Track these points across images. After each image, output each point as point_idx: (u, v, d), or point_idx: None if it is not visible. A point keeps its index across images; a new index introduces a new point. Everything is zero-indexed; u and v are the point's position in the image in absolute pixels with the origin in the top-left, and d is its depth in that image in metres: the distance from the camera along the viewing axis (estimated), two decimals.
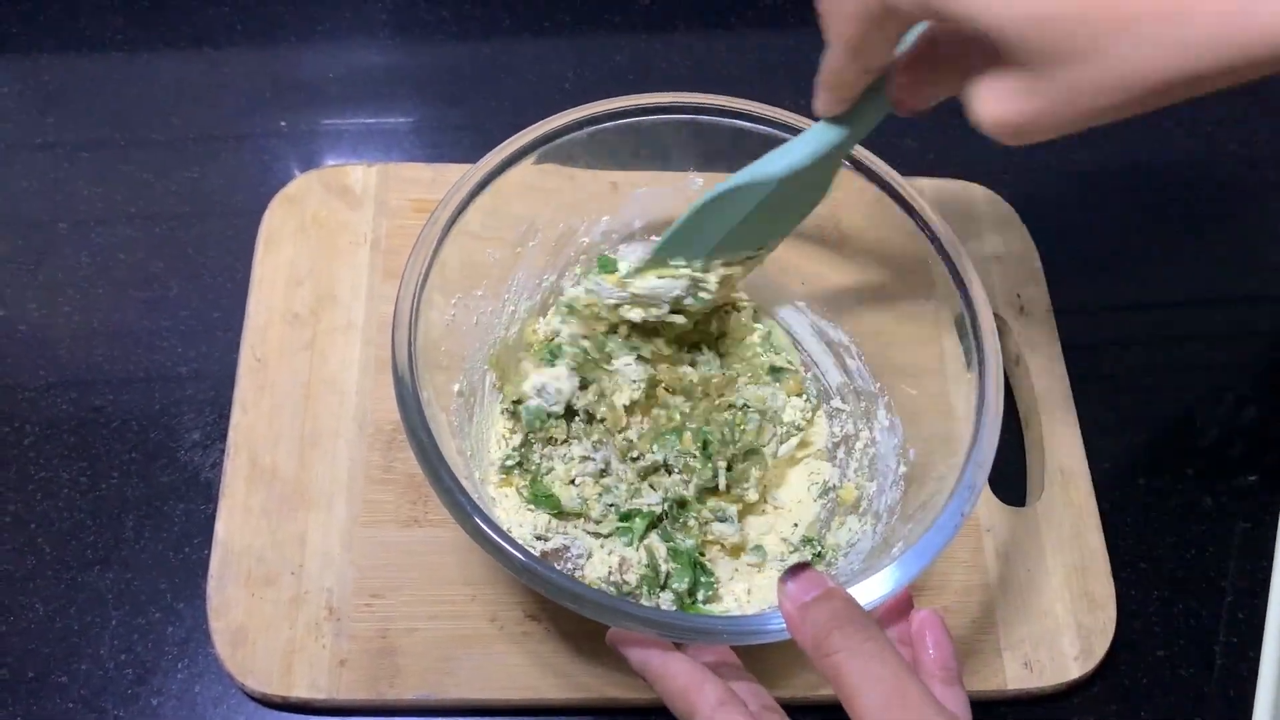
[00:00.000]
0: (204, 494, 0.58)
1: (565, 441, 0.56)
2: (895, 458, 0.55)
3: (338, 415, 0.58)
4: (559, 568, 0.52)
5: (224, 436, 0.57)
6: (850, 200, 0.54)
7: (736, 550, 0.56)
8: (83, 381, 0.61)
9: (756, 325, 0.61)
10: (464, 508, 0.44)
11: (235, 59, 0.73)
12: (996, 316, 0.56)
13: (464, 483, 0.45)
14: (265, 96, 0.72)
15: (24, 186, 0.67)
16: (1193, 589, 0.60)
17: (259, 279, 0.62)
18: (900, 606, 0.45)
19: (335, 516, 0.56)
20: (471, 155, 0.53)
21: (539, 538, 0.55)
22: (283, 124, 0.71)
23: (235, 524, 0.55)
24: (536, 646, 0.53)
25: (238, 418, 0.58)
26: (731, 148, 0.53)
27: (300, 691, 0.51)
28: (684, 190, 0.57)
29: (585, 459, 0.56)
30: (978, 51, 0.35)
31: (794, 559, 0.55)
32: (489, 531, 0.43)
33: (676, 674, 0.42)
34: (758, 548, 0.56)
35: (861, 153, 0.53)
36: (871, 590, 0.43)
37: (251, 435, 0.57)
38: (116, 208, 0.66)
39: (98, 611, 0.54)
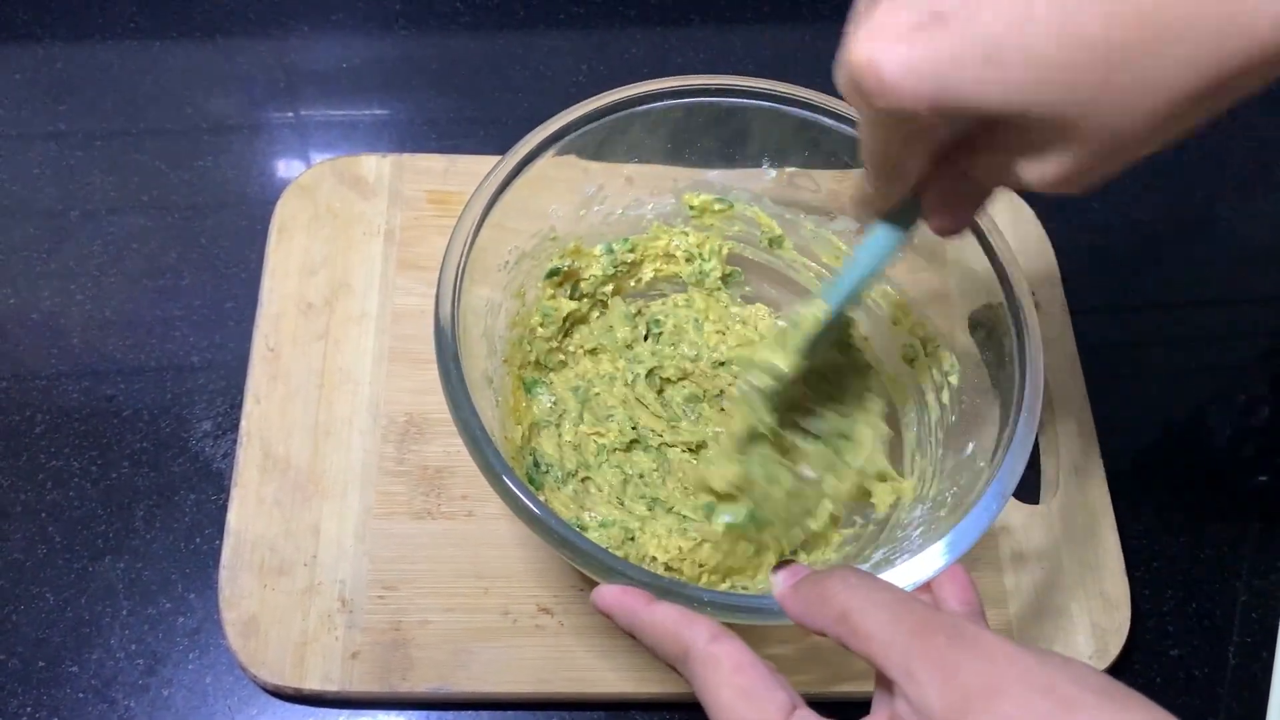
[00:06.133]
0: (216, 484, 0.57)
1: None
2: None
3: (351, 405, 0.58)
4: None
5: (236, 426, 0.57)
6: None
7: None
8: (94, 370, 0.60)
9: None
10: (495, 469, 0.43)
11: (249, 48, 0.73)
12: None
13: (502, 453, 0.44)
14: (279, 86, 0.72)
15: (36, 175, 0.67)
16: (1207, 589, 0.60)
17: (272, 269, 0.62)
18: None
19: (349, 507, 0.55)
20: (485, 147, 0.53)
21: None
22: (295, 114, 0.71)
23: (248, 514, 0.55)
24: (549, 640, 0.53)
25: (250, 407, 0.57)
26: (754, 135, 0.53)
27: (312, 683, 0.51)
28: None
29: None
30: (1001, 146, 0.36)
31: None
32: (518, 492, 0.43)
33: (665, 616, 0.39)
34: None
35: None
36: (914, 572, 0.42)
37: (264, 425, 0.57)
38: (129, 197, 0.66)
39: (108, 601, 0.54)
